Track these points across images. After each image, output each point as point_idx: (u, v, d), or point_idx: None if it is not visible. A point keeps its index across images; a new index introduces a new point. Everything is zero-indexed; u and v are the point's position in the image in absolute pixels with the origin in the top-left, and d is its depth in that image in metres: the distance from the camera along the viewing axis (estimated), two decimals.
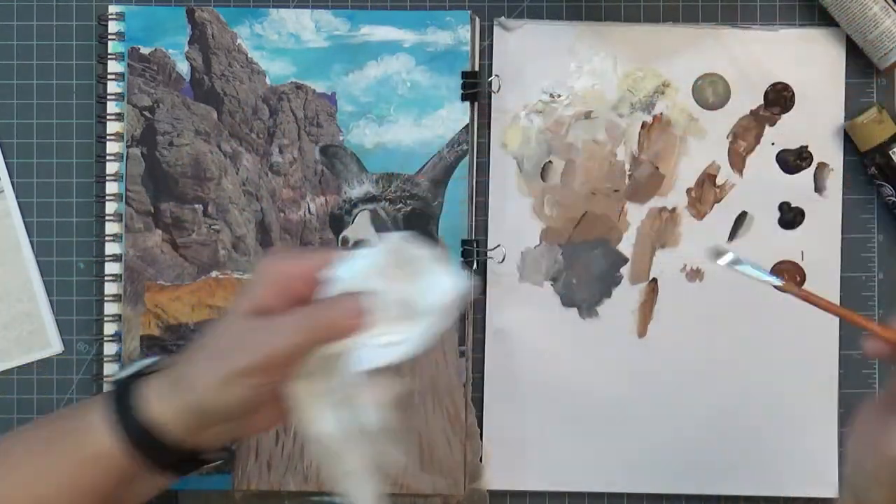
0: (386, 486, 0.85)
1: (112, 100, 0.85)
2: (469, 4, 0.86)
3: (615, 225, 0.86)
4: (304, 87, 0.86)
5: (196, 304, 0.85)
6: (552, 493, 0.86)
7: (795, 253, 0.86)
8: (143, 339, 0.85)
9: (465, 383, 0.85)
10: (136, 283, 0.85)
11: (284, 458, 0.85)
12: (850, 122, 0.85)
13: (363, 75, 0.86)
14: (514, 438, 0.86)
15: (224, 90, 0.86)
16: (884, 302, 0.87)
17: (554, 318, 0.86)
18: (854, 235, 0.86)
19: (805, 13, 0.87)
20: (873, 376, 0.86)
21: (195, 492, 0.85)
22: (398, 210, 0.85)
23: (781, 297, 0.86)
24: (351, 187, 0.85)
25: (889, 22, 0.82)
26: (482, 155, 0.86)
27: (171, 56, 0.85)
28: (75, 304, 0.86)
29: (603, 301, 0.86)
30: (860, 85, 0.86)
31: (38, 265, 0.86)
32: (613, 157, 0.86)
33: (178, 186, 0.85)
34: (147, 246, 0.85)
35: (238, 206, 0.86)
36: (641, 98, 0.86)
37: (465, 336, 0.85)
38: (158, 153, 0.85)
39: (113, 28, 0.85)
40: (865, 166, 0.85)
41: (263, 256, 0.85)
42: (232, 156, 0.86)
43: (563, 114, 0.86)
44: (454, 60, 0.85)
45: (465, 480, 0.85)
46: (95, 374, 0.86)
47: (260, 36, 0.86)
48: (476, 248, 0.85)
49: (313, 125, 0.86)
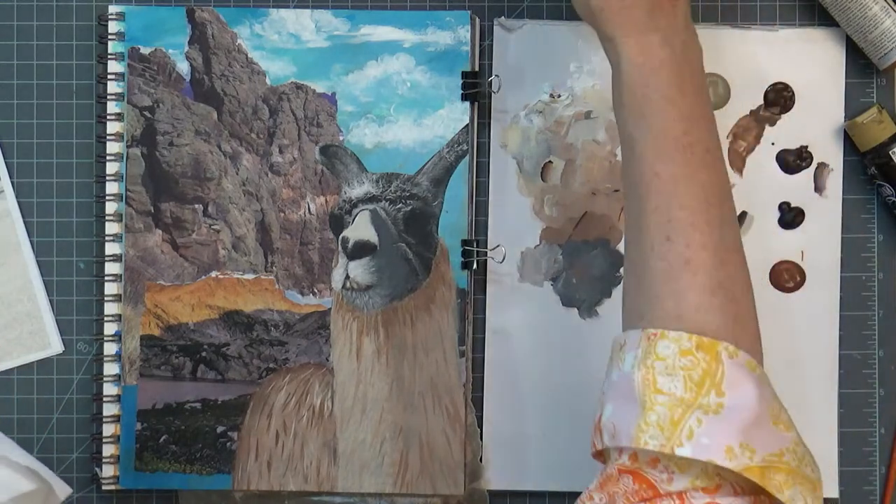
0: (386, 485, 0.85)
1: (112, 100, 0.85)
2: (469, 4, 0.86)
3: (615, 225, 0.86)
4: (304, 87, 0.86)
5: (196, 304, 0.85)
6: (552, 493, 0.86)
7: (795, 253, 0.86)
8: (143, 339, 0.85)
9: (465, 383, 0.85)
10: (136, 283, 0.85)
11: (284, 458, 0.85)
12: (850, 122, 0.85)
13: (363, 75, 0.86)
14: (514, 438, 0.86)
15: (224, 90, 0.86)
16: (884, 302, 0.87)
17: (554, 318, 0.86)
18: (854, 235, 0.86)
19: (805, 13, 0.87)
20: (873, 376, 0.87)
21: (195, 492, 0.85)
22: (398, 210, 0.85)
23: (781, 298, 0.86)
24: (351, 187, 0.85)
25: (889, 22, 0.82)
26: (482, 155, 0.86)
27: (171, 56, 0.85)
28: (75, 304, 0.86)
29: (603, 301, 0.86)
30: (860, 85, 0.86)
31: (38, 265, 0.86)
32: (613, 157, 0.86)
33: (178, 186, 0.85)
34: (147, 246, 0.85)
35: (238, 206, 0.86)
36: None
37: (465, 336, 0.85)
38: (158, 153, 0.85)
39: (113, 28, 0.85)
40: (865, 166, 0.85)
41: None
42: (232, 156, 0.86)
43: (563, 114, 0.86)
44: (454, 60, 0.85)
45: (465, 480, 0.85)
46: (95, 374, 0.86)
47: (260, 36, 0.86)
48: (476, 248, 0.85)
49: (313, 125, 0.86)
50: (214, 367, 0.85)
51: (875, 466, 0.86)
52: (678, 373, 0.62)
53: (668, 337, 0.63)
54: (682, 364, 0.62)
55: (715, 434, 0.60)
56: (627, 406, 0.63)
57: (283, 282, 0.85)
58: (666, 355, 0.62)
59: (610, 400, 0.65)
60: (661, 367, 0.62)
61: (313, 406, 0.85)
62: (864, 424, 0.86)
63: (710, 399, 0.61)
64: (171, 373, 0.85)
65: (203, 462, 0.85)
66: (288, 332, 0.86)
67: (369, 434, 0.85)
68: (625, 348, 0.65)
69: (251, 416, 0.85)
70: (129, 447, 0.85)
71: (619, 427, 0.63)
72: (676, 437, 0.61)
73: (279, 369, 0.85)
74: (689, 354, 0.62)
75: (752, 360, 0.63)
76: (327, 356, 0.85)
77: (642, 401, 0.62)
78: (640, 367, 0.63)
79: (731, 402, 0.61)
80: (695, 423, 0.61)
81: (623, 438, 0.63)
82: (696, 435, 0.60)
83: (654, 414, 0.61)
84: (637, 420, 0.62)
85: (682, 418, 0.61)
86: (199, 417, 0.85)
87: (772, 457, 0.61)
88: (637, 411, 0.62)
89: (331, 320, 0.85)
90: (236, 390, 0.85)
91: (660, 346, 0.63)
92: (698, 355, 0.62)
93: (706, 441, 0.60)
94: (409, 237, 0.85)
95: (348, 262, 0.85)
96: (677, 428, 0.61)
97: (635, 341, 0.64)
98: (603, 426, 0.65)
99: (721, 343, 0.62)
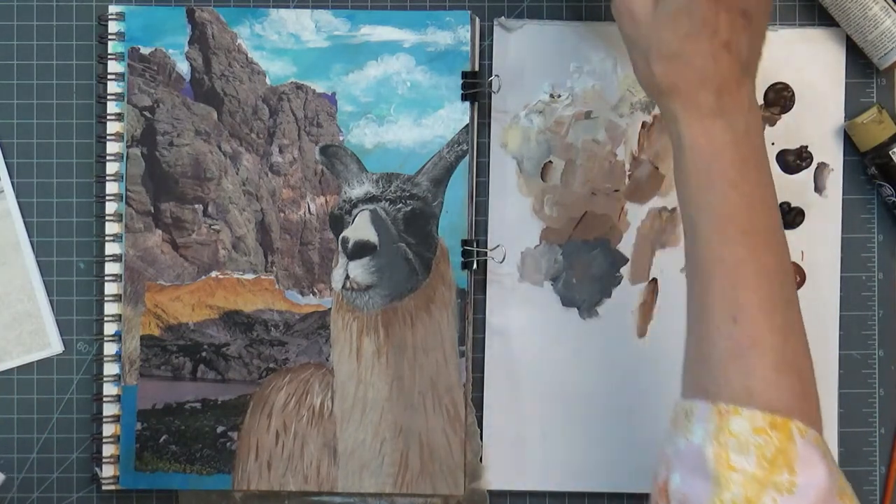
0: (386, 485, 0.85)
1: (112, 100, 0.85)
2: (469, 4, 0.86)
3: (615, 225, 0.86)
4: (304, 87, 0.86)
5: (196, 304, 0.85)
6: (552, 493, 0.86)
7: (795, 253, 0.86)
8: (143, 339, 0.85)
9: (465, 383, 0.85)
10: (136, 283, 0.85)
11: (284, 458, 0.85)
12: (850, 122, 0.85)
13: (363, 75, 0.86)
14: (514, 438, 0.86)
15: (224, 90, 0.86)
16: (884, 302, 0.87)
17: (554, 318, 0.86)
18: (854, 235, 0.86)
19: (805, 13, 0.87)
20: (873, 376, 0.87)
21: (195, 492, 0.85)
22: (398, 210, 0.85)
23: None
24: (351, 187, 0.85)
25: (889, 22, 0.82)
26: (482, 155, 0.86)
27: (171, 56, 0.85)
28: (75, 304, 0.86)
29: (603, 301, 0.86)
30: (860, 85, 0.86)
31: (38, 265, 0.86)
32: (613, 157, 0.86)
33: (178, 186, 0.85)
34: (147, 246, 0.85)
35: (238, 206, 0.86)
36: (641, 98, 0.86)
37: (465, 336, 0.85)
38: (158, 153, 0.85)
39: (113, 28, 0.85)
40: (865, 166, 0.85)
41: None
42: (232, 156, 0.86)
43: (563, 114, 0.86)
44: (454, 60, 0.85)
45: (465, 480, 0.85)
46: (95, 374, 0.86)
47: (260, 36, 0.86)
48: (476, 248, 0.85)
49: (313, 125, 0.86)
50: (214, 367, 0.85)
51: (875, 466, 0.86)
52: (751, 450, 0.62)
53: (742, 414, 0.63)
54: (755, 442, 0.62)
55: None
56: (698, 480, 0.63)
57: (283, 282, 0.85)
58: (739, 432, 0.63)
59: (677, 469, 0.65)
60: (733, 443, 0.62)
61: (313, 406, 0.85)
62: (864, 424, 0.86)
63: (783, 477, 0.62)
64: (171, 373, 0.85)
65: (203, 462, 0.85)
66: (288, 332, 0.86)
67: (369, 434, 0.85)
68: (692, 418, 0.65)
69: (251, 416, 0.85)
70: (129, 447, 0.85)
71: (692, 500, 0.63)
72: None
73: (279, 369, 0.85)
74: (763, 433, 0.62)
75: (819, 437, 0.64)
76: (327, 356, 0.85)
77: (716, 477, 0.62)
78: (713, 442, 0.63)
79: (803, 481, 0.62)
80: (770, 501, 0.61)
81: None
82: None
83: (728, 493, 0.62)
84: (712, 497, 0.62)
85: (756, 497, 0.61)
86: (199, 417, 0.85)
87: None
88: (710, 488, 0.62)
89: (331, 320, 0.85)
90: (236, 390, 0.85)
91: (733, 423, 0.63)
92: (772, 434, 0.62)
93: None
94: (409, 237, 0.85)
95: (348, 262, 0.85)
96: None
97: (705, 414, 0.64)
98: (671, 494, 0.65)
99: (793, 421, 0.63)
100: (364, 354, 0.85)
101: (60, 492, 0.86)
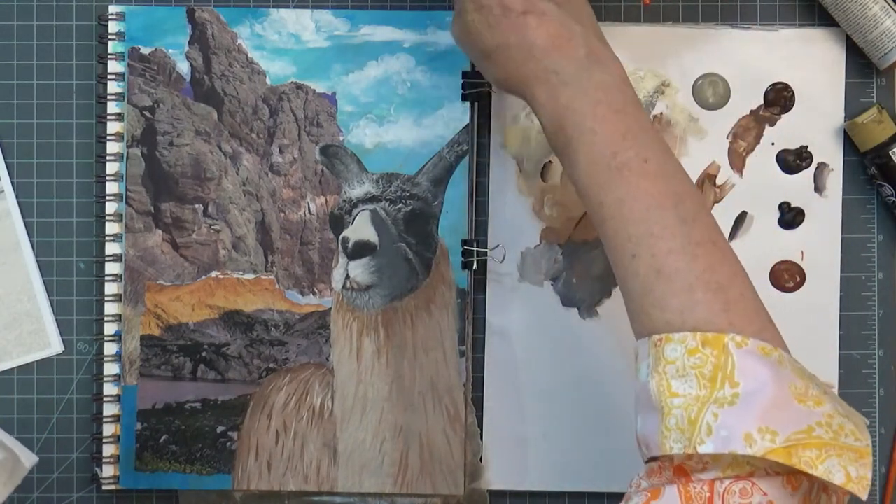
0: (386, 485, 0.85)
1: (112, 100, 0.85)
2: None
3: None
4: (304, 87, 0.86)
5: (196, 304, 0.85)
6: (552, 493, 0.86)
7: (795, 253, 0.86)
8: (143, 339, 0.85)
9: (465, 383, 0.85)
10: (136, 283, 0.85)
11: (284, 458, 0.85)
12: (850, 122, 0.85)
13: (363, 75, 0.86)
14: (514, 438, 0.86)
15: (224, 90, 0.86)
16: (884, 302, 0.87)
17: (554, 318, 0.86)
18: (854, 235, 0.86)
19: (805, 13, 0.87)
20: (873, 376, 0.87)
21: (195, 492, 0.85)
22: (398, 210, 0.85)
23: (781, 298, 0.86)
24: (351, 187, 0.85)
25: (889, 22, 0.82)
26: (482, 155, 0.86)
27: (171, 56, 0.85)
28: (75, 304, 0.86)
29: (603, 301, 0.86)
30: (860, 85, 0.86)
31: (38, 265, 0.86)
32: None
33: (179, 186, 0.85)
34: (147, 246, 0.85)
35: (238, 206, 0.86)
36: (641, 98, 0.86)
37: (465, 336, 0.85)
38: (158, 153, 0.85)
39: (113, 28, 0.85)
40: (865, 166, 0.85)
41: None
42: (232, 156, 0.86)
43: None
44: (454, 60, 0.85)
45: (465, 480, 0.85)
46: (95, 374, 0.86)
47: (260, 36, 0.86)
48: (476, 248, 0.85)
49: (313, 125, 0.86)
50: (214, 367, 0.85)
51: (875, 466, 0.86)
52: (689, 372, 0.62)
53: (674, 339, 0.63)
54: (691, 363, 0.62)
55: (732, 424, 0.60)
56: (650, 415, 0.64)
57: (284, 282, 0.85)
58: (675, 358, 0.63)
59: (639, 412, 0.66)
60: (672, 370, 0.63)
61: (313, 406, 0.85)
62: None
63: (724, 391, 0.61)
64: (171, 373, 0.85)
65: (203, 462, 0.85)
66: (288, 332, 0.86)
67: (369, 434, 0.85)
68: (639, 359, 0.66)
69: (251, 416, 0.85)
70: (129, 447, 0.85)
71: (649, 437, 0.64)
72: (697, 435, 0.61)
73: (279, 369, 0.85)
74: (697, 352, 0.62)
75: (766, 345, 0.63)
76: (327, 356, 0.85)
77: (660, 407, 0.63)
78: (654, 374, 0.63)
79: (745, 390, 0.61)
80: (711, 417, 0.61)
81: (653, 448, 0.63)
82: (714, 429, 0.61)
83: (672, 418, 0.62)
84: (659, 427, 0.62)
85: (698, 416, 0.61)
86: (199, 417, 0.85)
87: (798, 434, 0.61)
88: (658, 418, 0.63)
89: (331, 320, 0.85)
90: (236, 390, 0.85)
91: (667, 351, 0.63)
92: (706, 351, 0.62)
93: (724, 433, 0.60)
94: (409, 237, 0.85)
95: (348, 262, 0.85)
96: (696, 426, 0.61)
97: (646, 350, 0.65)
98: (639, 440, 0.66)
99: (727, 335, 0.62)
100: (364, 354, 0.85)
101: (60, 492, 0.86)
